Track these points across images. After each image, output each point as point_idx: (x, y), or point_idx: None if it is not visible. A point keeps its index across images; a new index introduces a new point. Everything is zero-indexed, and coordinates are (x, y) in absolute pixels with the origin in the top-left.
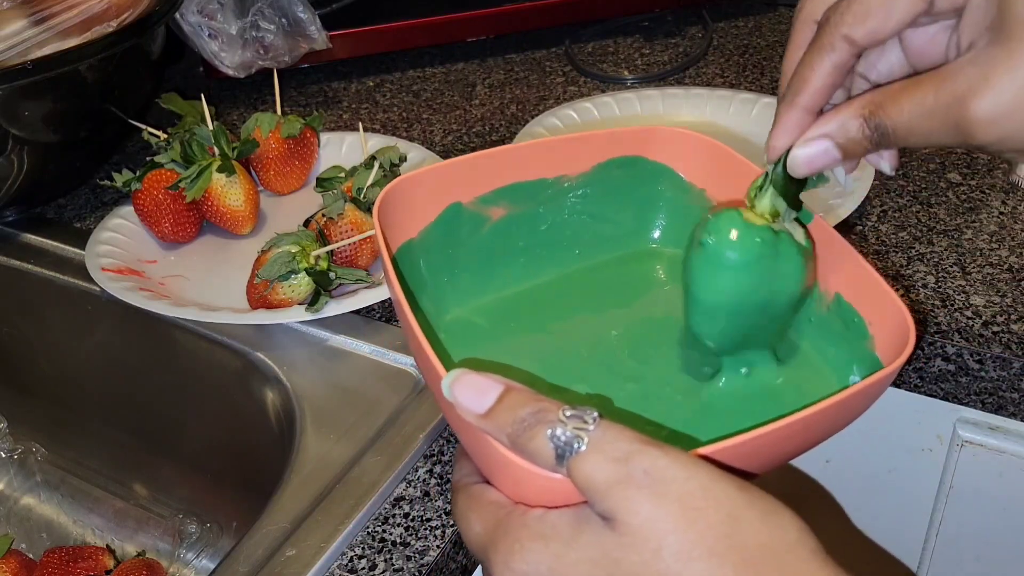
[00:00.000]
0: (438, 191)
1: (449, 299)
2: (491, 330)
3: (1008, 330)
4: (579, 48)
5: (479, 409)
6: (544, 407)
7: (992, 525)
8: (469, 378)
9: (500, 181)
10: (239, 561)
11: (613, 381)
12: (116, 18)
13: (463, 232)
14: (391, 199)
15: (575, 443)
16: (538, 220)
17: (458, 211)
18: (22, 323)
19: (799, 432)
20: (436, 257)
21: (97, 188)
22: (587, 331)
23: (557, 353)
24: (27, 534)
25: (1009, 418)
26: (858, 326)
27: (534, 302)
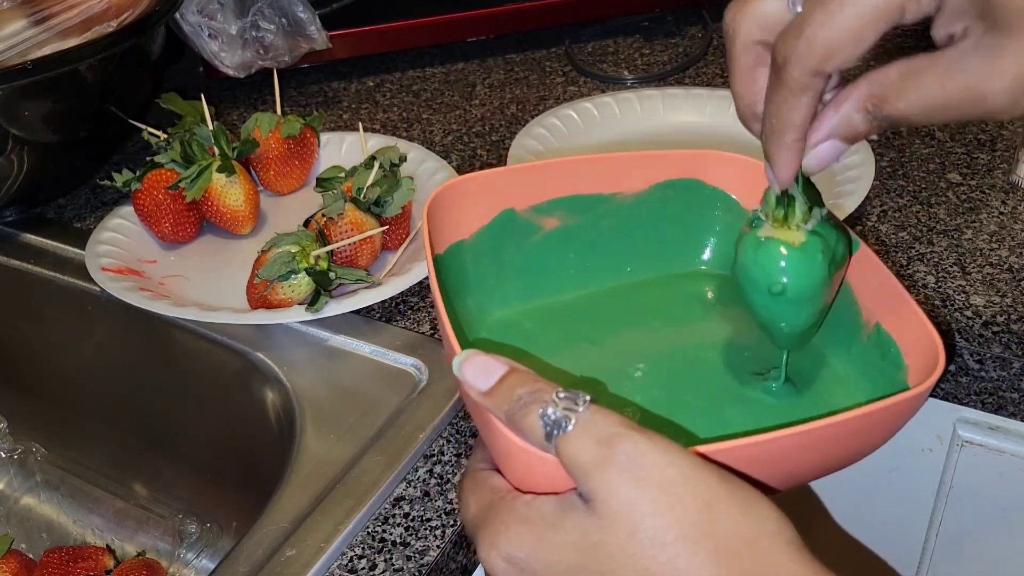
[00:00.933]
0: (492, 195)
1: (496, 301)
2: (534, 333)
3: (1008, 330)
4: (579, 48)
5: (482, 387)
6: (540, 388)
7: (992, 525)
8: (478, 358)
9: (555, 192)
10: (239, 561)
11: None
12: (116, 18)
13: (514, 239)
14: (446, 197)
15: (563, 423)
16: (591, 234)
17: (511, 217)
18: (22, 323)
19: (803, 445)
20: (486, 260)
21: (97, 188)
22: (629, 345)
23: (593, 363)
24: (27, 534)
25: (1009, 418)
26: (894, 356)
27: (580, 312)
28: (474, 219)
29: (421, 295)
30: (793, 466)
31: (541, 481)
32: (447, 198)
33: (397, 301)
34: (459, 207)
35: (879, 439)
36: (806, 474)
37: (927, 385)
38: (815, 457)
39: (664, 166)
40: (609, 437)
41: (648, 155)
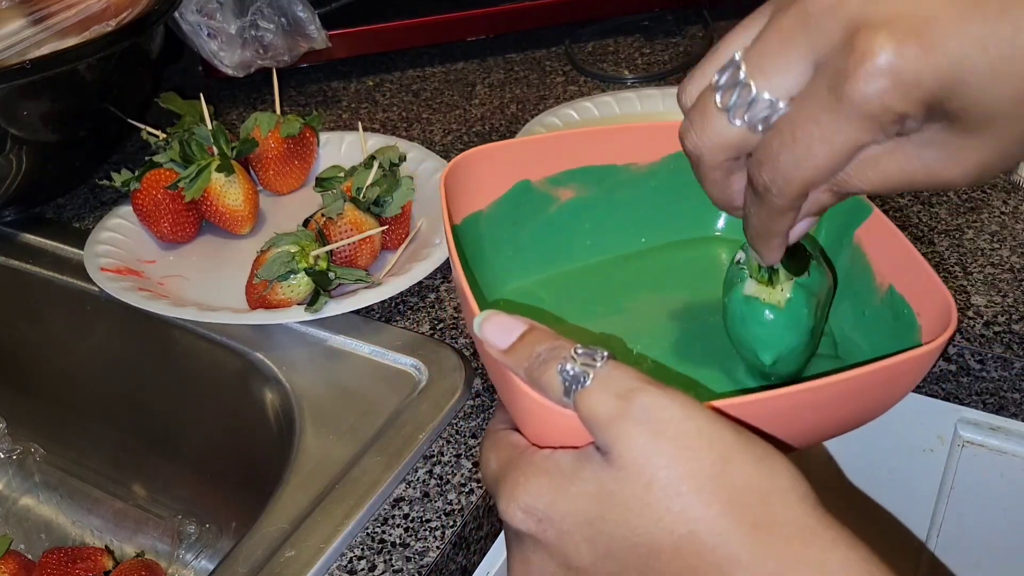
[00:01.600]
0: (508, 166)
1: (511, 271)
2: (549, 301)
3: (1009, 330)
4: (579, 47)
5: (502, 345)
6: (559, 344)
7: (993, 525)
8: (498, 317)
9: (570, 163)
10: (238, 562)
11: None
12: (115, 17)
13: (530, 210)
14: (461, 168)
15: (582, 378)
16: (605, 205)
17: (527, 189)
18: (21, 323)
19: (816, 401)
20: (502, 231)
21: (96, 188)
22: (643, 309)
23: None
24: (26, 535)
25: (1010, 418)
26: (907, 317)
27: (594, 280)
28: (490, 190)
29: (421, 295)
30: (807, 423)
31: (560, 436)
32: (463, 168)
33: (397, 301)
34: (475, 178)
35: (893, 396)
36: (821, 432)
37: (939, 342)
38: (829, 414)
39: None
40: (627, 391)
41: (661, 126)
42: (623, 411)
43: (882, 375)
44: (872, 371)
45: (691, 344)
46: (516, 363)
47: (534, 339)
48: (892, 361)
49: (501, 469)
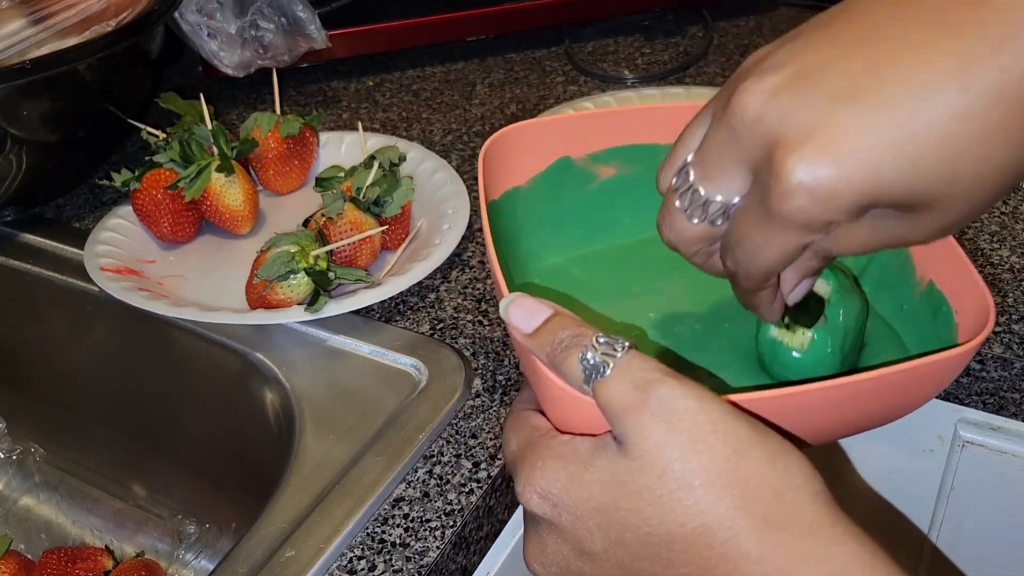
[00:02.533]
0: (549, 143)
1: (549, 247)
2: (584, 280)
3: (1009, 330)
4: (579, 47)
5: (527, 329)
6: (582, 332)
7: (993, 526)
8: (524, 301)
9: (613, 141)
10: (238, 562)
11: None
12: (115, 17)
13: (571, 186)
14: (502, 143)
15: (602, 367)
16: (647, 183)
17: (568, 165)
18: (20, 323)
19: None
20: (541, 206)
21: (96, 188)
22: (677, 290)
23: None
24: (26, 535)
25: (1010, 418)
26: (946, 315)
27: (629, 260)
28: (530, 166)
29: (421, 295)
30: (825, 420)
31: (580, 422)
32: (503, 144)
33: (397, 301)
34: (515, 154)
35: (918, 398)
36: (839, 430)
37: (970, 346)
38: (848, 412)
39: None
40: (645, 382)
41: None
42: (640, 402)
43: (903, 377)
44: (892, 373)
45: (718, 330)
46: (539, 348)
47: (558, 325)
48: (915, 364)
49: (520, 451)
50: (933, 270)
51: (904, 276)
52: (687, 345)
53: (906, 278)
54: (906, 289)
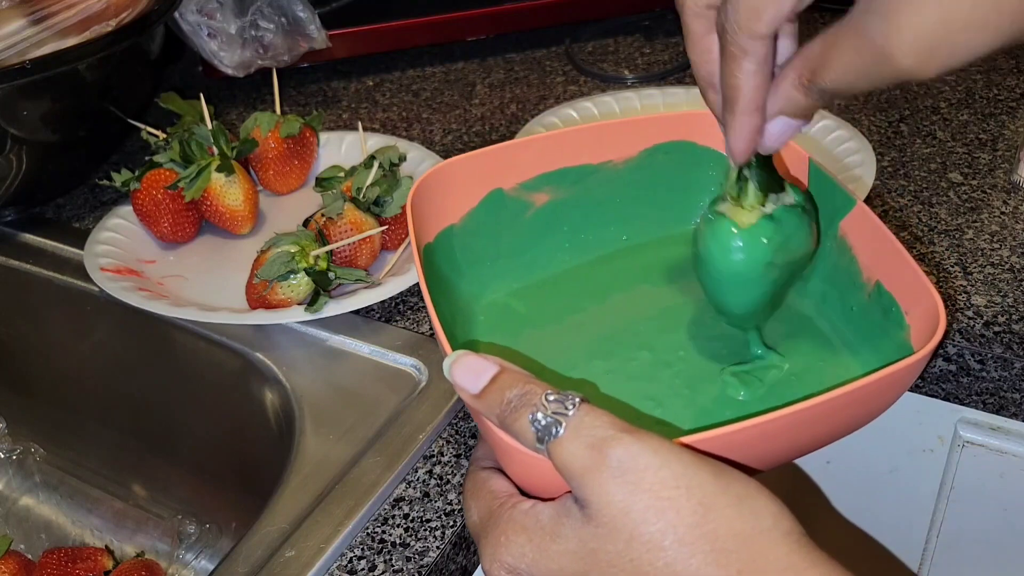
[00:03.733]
0: (479, 177)
1: (490, 282)
2: (527, 314)
3: (1009, 330)
4: (579, 47)
5: (473, 389)
6: (530, 390)
7: (993, 526)
8: (468, 360)
9: (543, 167)
10: (238, 562)
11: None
12: (115, 17)
13: (505, 217)
14: (430, 184)
15: (553, 428)
16: (583, 206)
17: (500, 197)
18: (20, 323)
19: (793, 427)
20: (478, 241)
21: (96, 188)
22: (622, 311)
23: (586, 334)
24: (26, 535)
25: (1010, 418)
26: (896, 316)
27: (573, 283)
28: (462, 202)
29: (420, 295)
30: (782, 445)
31: (539, 479)
32: (431, 185)
33: (396, 301)
34: (445, 192)
35: (875, 411)
36: (800, 450)
37: (921, 355)
38: (803, 435)
39: (653, 130)
40: (600, 441)
41: (636, 120)
42: (597, 463)
43: (860, 394)
44: (846, 392)
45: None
46: (488, 409)
47: (505, 383)
48: (866, 381)
49: (483, 522)
50: (879, 270)
51: (851, 277)
52: (637, 372)
53: (853, 279)
54: (854, 290)
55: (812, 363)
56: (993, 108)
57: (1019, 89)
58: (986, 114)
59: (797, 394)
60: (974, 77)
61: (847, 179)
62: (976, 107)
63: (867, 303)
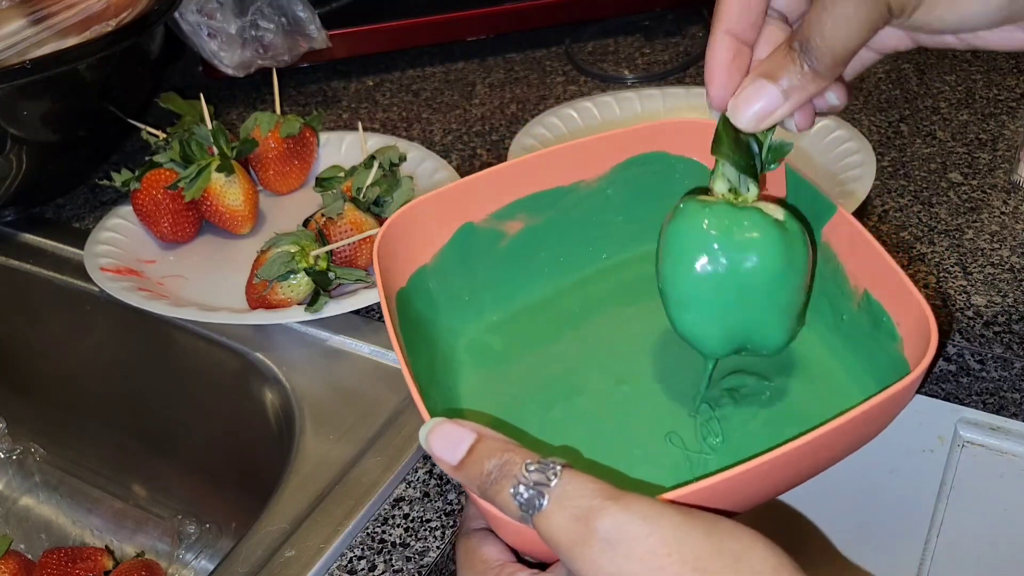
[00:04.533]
0: (446, 214)
1: (469, 319)
2: (504, 350)
3: (1009, 330)
4: (579, 47)
5: (452, 461)
6: (509, 459)
7: (993, 526)
8: (444, 428)
9: (512, 195)
10: (238, 562)
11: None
12: (115, 17)
13: (479, 250)
14: (396, 229)
15: (536, 500)
16: (559, 228)
17: (471, 231)
18: (20, 323)
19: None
20: (453, 279)
21: (96, 188)
22: (599, 337)
23: (562, 366)
24: (26, 535)
25: (1010, 419)
26: (887, 326)
27: (552, 310)
28: (432, 242)
29: None
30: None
31: (532, 545)
32: (398, 229)
33: None
34: (413, 234)
35: (871, 435)
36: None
37: (918, 373)
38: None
39: (623, 145)
40: (586, 512)
41: (605, 137)
42: (585, 536)
43: (849, 426)
44: (835, 427)
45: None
46: (468, 481)
47: (483, 453)
48: (856, 413)
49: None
50: (866, 279)
51: (838, 285)
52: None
53: (841, 286)
54: (843, 299)
55: (804, 385)
56: (993, 108)
57: (1019, 89)
58: (986, 114)
59: (787, 421)
60: (974, 77)
61: (846, 180)
62: (976, 107)
63: (857, 312)
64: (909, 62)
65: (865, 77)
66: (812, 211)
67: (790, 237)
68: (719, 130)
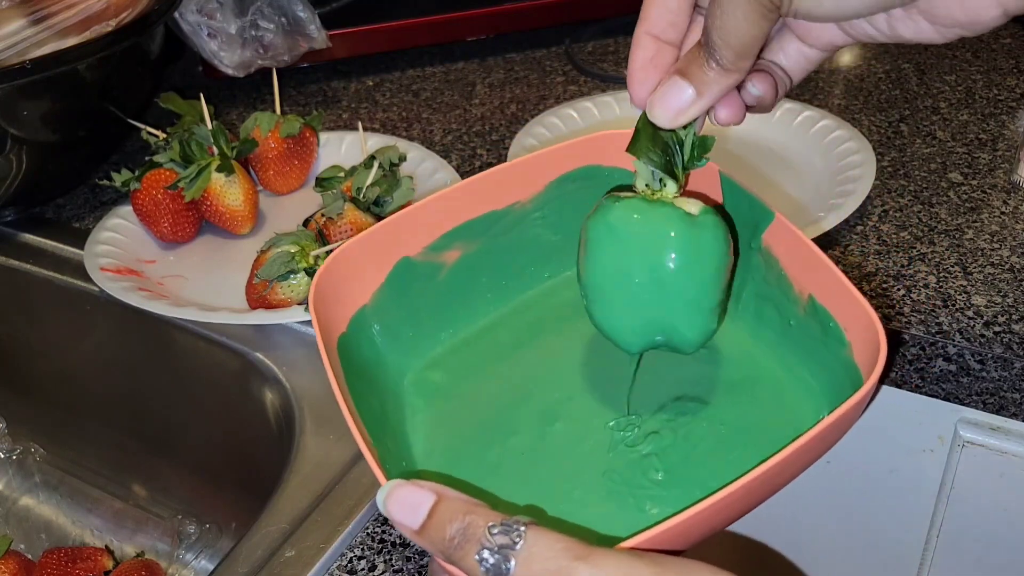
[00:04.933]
0: (380, 252)
1: (414, 355)
2: (448, 386)
3: (1009, 330)
4: (579, 47)
5: (413, 525)
6: (471, 522)
7: (993, 526)
8: (402, 492)
9: (446, 226)
10: (238, 562)
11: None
12: (115, 17)
13: (418, 284)
14: (330, 274)
15: (503, 565)
16: (498, 252)
17: (408, 266)
18: (21, 323)
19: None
20: (394, 316)
21: (96, 188)
22: (546, 358)
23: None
24: (26, 535)
25: (1010, 419)
26: (835, 331)
27: (491, 340)
28: (369, 282)
29: None
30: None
31: None
32: (331, 274)
33: None
34: (348, 278)
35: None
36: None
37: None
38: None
39: (554, 162)
40: (554, 574)
41: (534, 157)
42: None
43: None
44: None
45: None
46: (431, 546)
47: (445, 516)
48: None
49: None
50: (810, 284)
51: (783, 290)
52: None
53: (786, 292)
54: (789, 304)
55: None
56: (993, 108)
57: (1019, 89)
58: (986, 114)
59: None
60: (974, 77)
61: (846, 180)
62: (976, 107)
63: (804, 318)
64: (909, 62)
65: (865, 77)
66: (751, 218)
67: (700, 231)
68: (638, 128)
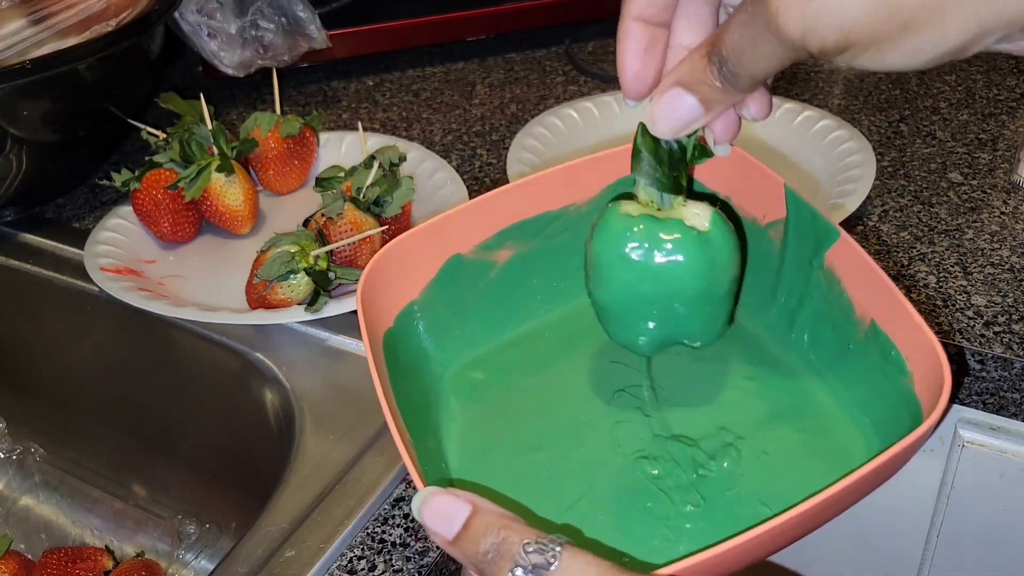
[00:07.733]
0: (432, 249)
1: (457, 353)
2: (487, 385)
3: (1009, 330)
4: (579, 47)
5: (447, 535)
6: (506, 538)
7: (993, 526)
8: (437, 500)
9: (499, 224)
10: (238, 562)
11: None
12: (115, 17)
13: (468, 282)
14: (381, 267)
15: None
16: (550, 254)
17: (459, 263)
18: (20, 323)
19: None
20: (441, 313)
21: (96, 188)
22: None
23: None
24: (26, 535)
25: (1010, 418)
26: (896, 359)
27: (543, 339)
28: (420, 277)
29: None
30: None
31: None
32: (382, 268)
33: None
34: (398, 272)
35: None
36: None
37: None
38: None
39: (611, 166)
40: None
41: (592, 160)
42: None
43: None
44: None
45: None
46: (465, 558)
47: (479, 529)
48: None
49: None
50: (873, 309)
51: (843, 311)
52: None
53: (846, 313)
54: (849, 326)
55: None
56: (993, 108)
57: (1019, 89)
58: (986, 114)
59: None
60: (974, 77)
61: (846, 180)
62: (976, 107)
63: (863, 342)
64: None
65: (865, 77)
66: (814, 235)
67: (713, 250)
68: (637, 146)
